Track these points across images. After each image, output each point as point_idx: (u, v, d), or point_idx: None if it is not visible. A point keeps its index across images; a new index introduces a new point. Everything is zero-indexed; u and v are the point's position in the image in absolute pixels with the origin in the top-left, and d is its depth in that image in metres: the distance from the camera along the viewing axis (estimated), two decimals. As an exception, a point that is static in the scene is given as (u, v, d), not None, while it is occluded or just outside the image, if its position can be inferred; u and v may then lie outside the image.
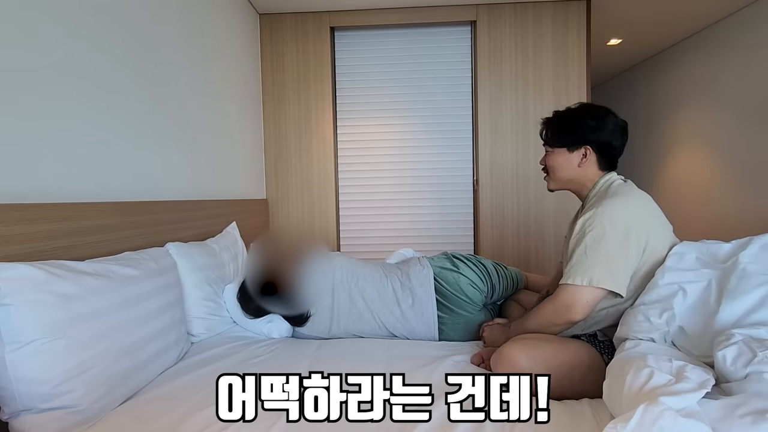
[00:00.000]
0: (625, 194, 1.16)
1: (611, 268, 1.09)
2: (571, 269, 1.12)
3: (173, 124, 1.69)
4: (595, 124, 1.21)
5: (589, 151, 1.23)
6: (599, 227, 1.10)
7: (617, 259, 1.09)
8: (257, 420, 0.92)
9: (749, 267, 0.99)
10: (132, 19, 1.44)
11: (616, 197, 1.14)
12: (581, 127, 1.22)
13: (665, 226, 1.20)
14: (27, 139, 1.03)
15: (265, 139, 2.79)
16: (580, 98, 2.66)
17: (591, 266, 1.09)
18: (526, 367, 1.02)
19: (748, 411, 0.70)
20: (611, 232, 1.09)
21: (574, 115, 1.25)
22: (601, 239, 1.09)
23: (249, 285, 1.45)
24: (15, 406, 0.85)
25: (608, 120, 1.22)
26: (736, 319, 0.94)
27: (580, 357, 1.08)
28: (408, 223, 2.81)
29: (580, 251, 1.11)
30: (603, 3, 2.65)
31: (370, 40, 2.79)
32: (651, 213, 1.17)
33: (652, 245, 1.12)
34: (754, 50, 2.68)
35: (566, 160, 1.26)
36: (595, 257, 1.09)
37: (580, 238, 1.13)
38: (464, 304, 1.47)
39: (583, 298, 1.10)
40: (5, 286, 0.82)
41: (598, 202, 1.16)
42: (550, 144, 1.29)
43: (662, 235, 1.16)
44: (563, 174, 1.28)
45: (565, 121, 1.26)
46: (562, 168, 1.27)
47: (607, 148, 1.22)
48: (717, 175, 3.04)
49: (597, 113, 1.23)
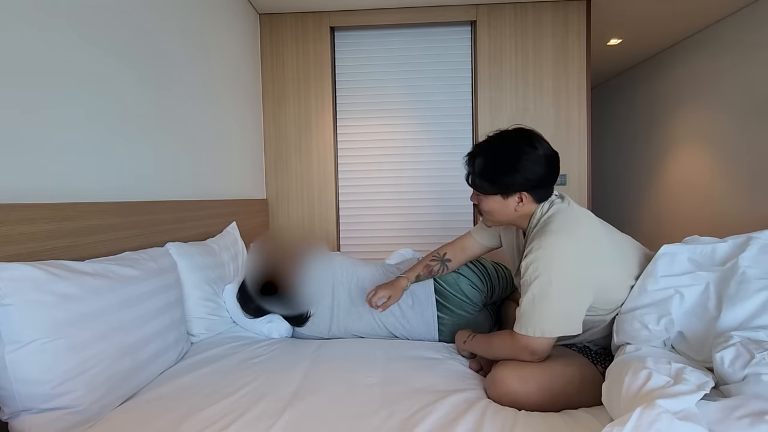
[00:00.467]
0: (565, 230, 1.07)
1: (563, 315, 1.04)
2: (522, 319, 1.06)
3: (173, 124, 1.69)
4: (528, 168, 1.10)
5: (524, 196, 1.13)
6: (544, 275, 1.03)
7: (567, 304, 1.04)
8: (257, 420, 0.92)
9: (749, 271, 0.98)
10: (132, 19, 1.44)
11: (556, 235, 1.06)
12: (513, 175, 1.11)
13: (616, 244, 1.16)
14: (27, 139, 1.03)
15: (265, 139, 2.80)
16: (580, 98, 2.67)
17: (541, 318, 1.03)
18: (518, 389, 1.01)
19: (746, 413, 0.70)
20: (557, 279, 1.02)
21: (504, 161, 1.12)
22: (548, 288, 1.02)
23: (249, 285, 1.46)
24: (15, 406, 0.85)
25: (537, 158, 1.10)
26: (738, 324, 0.94)
27: (572, 370, 1.06)
28: (408, 223, 2.81)
29: (528, 300, 1.05)
30: (603, 3, 2.65)
31: (370, 40, 2.79)
32: (594, 241, 1.11)
33: (604, 273, 1.09)
34: (755, 50, 2.68)
35: (502, 206, 1.16)
36: (544, 308, 1.03)
37: (527, 286, 1.06)
38: (464, 305, 1.47)
39: (539, 346, 1.05)
40: (5, 286, 0.82)
41: (539, 238, 1.07)
42: (482, 192, 1.19)
43: (613, 257, 1.12)
44: (501, 218, 1.19)
45: (495, 170, 1.14)
46: (500, 213, 1.18)
47: (543, 184, 1.13)
48: (717, 174, 3.04)
49: (526, 153, 1.10)
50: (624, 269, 1.14)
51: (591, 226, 1.13)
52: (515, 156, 1.11)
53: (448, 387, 1.08)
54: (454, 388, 1.08)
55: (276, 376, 1.13)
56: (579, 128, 2.69)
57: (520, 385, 1.01)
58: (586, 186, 2.71)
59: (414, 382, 1.10)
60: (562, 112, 2.69)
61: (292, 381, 1.11)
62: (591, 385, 1.04)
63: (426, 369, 1.19)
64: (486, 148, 1.16)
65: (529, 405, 1.00)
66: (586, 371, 1.08)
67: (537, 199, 1.15)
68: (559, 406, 1.02)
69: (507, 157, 1.12)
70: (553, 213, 1.13)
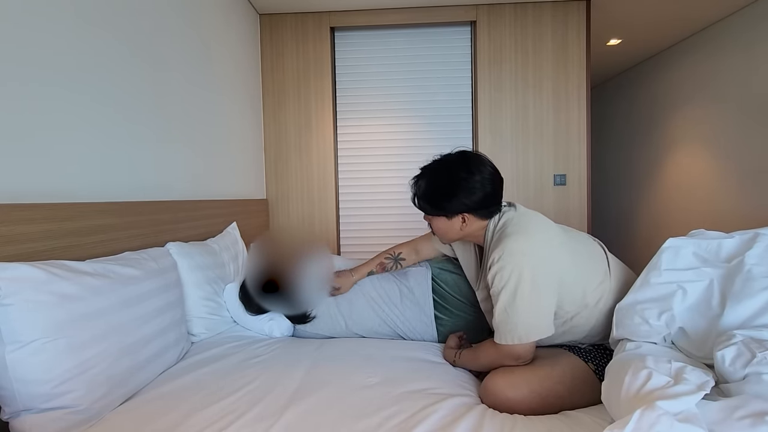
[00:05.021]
0: (519, 232, 1.11)
1: (534, 319, 1.07)
2: (499, 329, 1.10)
3: (173, 124, 1.69)
4: (465, 193, 1.14)
5: (467, 217, 1.18)
6: (510, 283, 1.06)
7: (536, 306, 1.07)
8: (257, 420, 0.92)
9: (755, 269, 0.97)
10: (132, 19, 1.44)
11: (512, 239, 1.09)
12: (451, 200, 1.16)
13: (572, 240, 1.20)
14: (27, 140, 1.03)
15: (266, 139, 2.80)
16: (580, 98, 2.67)
17: (515, 326, 1.06)
18: (511, 396, 1.02)
19: (747, 413, 0.70)
20: (523, 285, 1.05)
21: (442, 186, 1.17)
22: (514, 295, 1.06)
23: (249, 284, 1.45)
24: (15, 406, 0.85)
25: (475, 180, 1.14)
26: (741, 322, 0.93)
27: (561, 369, 1.07)
28: (408, 224, 2.81)
29: (501, 310, 1.08)
30: (603, 3, 2.65)
31: (370, 41, 2.79)
32: (549, 239, 1.14)
33: (564, 269, 1.12)
34: (754, 50, 2.68)
35: (448, 226, 1.22)
36: (516, 315, 1.06)
37: (496, 296, 1.09)
38: (462, 306, 1.47)
39: (521, 350, 1.08)
40: (6, 286, 0.82)
41: (498, 247, 1.10)
42: (426, 213, 1.25)
43: (571, 252, 1.16)
44: (450, 236, 1.25)
45: (434, 194, 1.18)
46: (447, 232, 1.24)
47: (484, 206, 1.17)
48: (717, 174, 3.05)
49: (463, 180, 1.15)
50: (586, 269, 1.17)
51: (542, 225, 1.17)
52: (452, 182, 1.16)
53: (449, 389, 1.08)
54: (455, 390, 1.08)
55: (276, 376, 1.13)
56: (579, 128, 2.69)
57: (512, 391, 1.02)
58: (586, 186, 2.71)
59: (414, 384, 1.10)
60: (561, 112, 2.69)
61: (292, 381, 1.11)
62: (583, 383, 1.05)
63: (426, 370, 1.19)
64: (428, 172, 1.21)
65: (524, 410, 1.01)
66: (576, 369, 1.09)
67: (482, 217, 1.20)
68: (554, 407, 1.02)
69: (445, 182, 1.17)
70: (505, 221, 1.18)
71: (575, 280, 1.14)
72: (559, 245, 1.15)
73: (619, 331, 1.07)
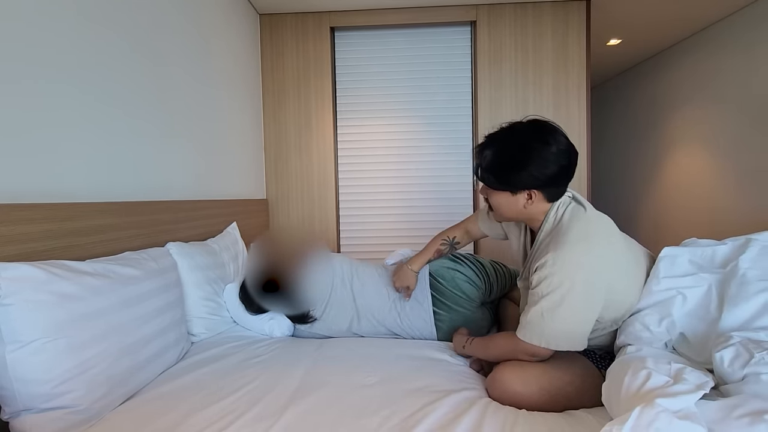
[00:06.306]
0: (583, 241, 1.02)
1: (570, 332, 1.02)
2: (527, 327, 1.04)
3: (173, 124, 1.69)
4: (538, 165, 1.03)
5: (534, 193, 1.08)
6: (557, 293, 0.99)
7: (576, 323, 1.02)
8: (257, 420, 0.92)
9: (749, 273, 0.99)
10: (132, 19, 1.44)
11: (572, 248, 1.01)
12: (521, 173, 1.05)
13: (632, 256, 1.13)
14: (27, 139, 1.03)
15: (266, 139, 2.80)
16: (580, 98, 2.67)
17: (548, 331, 1.01)
18: (520, 391, 1.01)
19: (745, 412, 0.70)
20: (567, 299, 0.99)
21: (512, 157, 1.06)
22: (557, 305, 1.00)
23: (249, 284, 1.46)
24: (15, 406, 0.85)
25: (550, 152, 1.03)
26: (739, 325, 0.94)
27: (574, 373, 1.06)
28: (408, 223, 2.81)
29: (537, 312, 1.02)
30: (603, 3, 2.65)
31: (370, 40, 2.79)
32: (611, 256, 1.06)
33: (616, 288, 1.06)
34: (754, 50, 2.68)
35: (511, 203, 1.11)
36: (553, 323, 1.01)
37: (537, 297, 1.03)
38: (461, 301, 1.48)
39: (541, 352, 1.05)
40: (6, 286, 0.82)
41: (555, 250, 1.02)
42: (489, 186, 1.13)
43: (627, 270, 1.10)
44: (509, 214, 1.14)
45: (502, 165, 1.07)
46: (508, 209, 1.13)
47: (555, 183, 1.07)
48: (717, 175, 3.05)
49: (536, 150, 1.03)
50: (635, 282, 1.12)
51: (605, 237, 1.07)
52: (524, 152, 1.04)
53: (449, 386, 1.08)
54: (455, 387, 1.08)
55: (276, 376, 1.13)
56: (579, 128, 2.69)
57: (522, 387, 1.01)
58: (586, 186, 2.71)
59: (414, 382, 1.10)
60: (562, 112, 2.69)
61: (292, 380, 1.11)
62: (593, 388, 1.03)
63: (426, 368, 1.19)
64: (495, 140, 1.10)
65: (530, 405, 1.01)
66: (588, 374, 1.07)
67: (549, 198, 1.09)
68: (559, 406, 1.02)
69: (515, 152, 1.05)
70: (569, 219, 1.08)
71: (623, 298, 1.09)
72: (618, 263, 1.07)
73: (621, 338, 1.08)
